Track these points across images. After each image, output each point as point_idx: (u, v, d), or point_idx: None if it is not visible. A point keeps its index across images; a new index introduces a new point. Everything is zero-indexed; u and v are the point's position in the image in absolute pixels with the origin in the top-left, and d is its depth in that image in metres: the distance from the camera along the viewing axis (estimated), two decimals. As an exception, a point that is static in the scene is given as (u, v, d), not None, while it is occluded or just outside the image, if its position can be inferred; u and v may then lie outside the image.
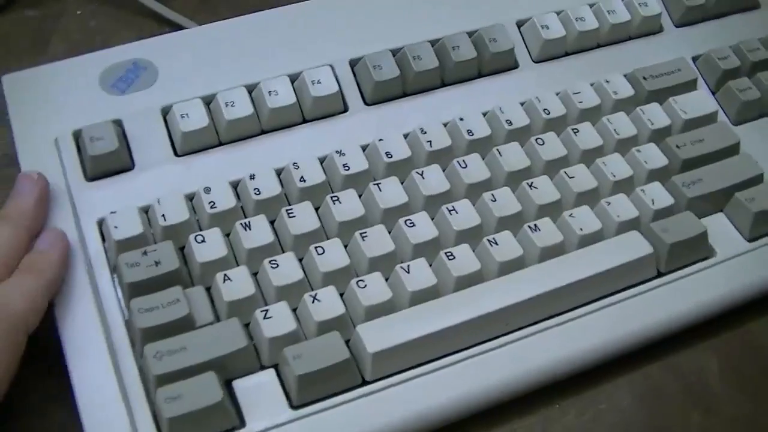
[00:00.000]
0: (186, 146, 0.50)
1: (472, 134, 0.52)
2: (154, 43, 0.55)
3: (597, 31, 0.61)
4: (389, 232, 0.51)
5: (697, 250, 0.51)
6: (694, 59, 0.64)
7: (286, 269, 0.47)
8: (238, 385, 0.43)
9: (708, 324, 0.53)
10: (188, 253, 0.46)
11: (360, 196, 0.52)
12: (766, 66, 0.64)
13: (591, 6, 0.62)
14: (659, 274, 0.51)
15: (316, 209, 0.51)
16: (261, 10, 0.60)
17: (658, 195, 0.52)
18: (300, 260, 0.47)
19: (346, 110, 0.54)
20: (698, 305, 0.53)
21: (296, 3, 0.60)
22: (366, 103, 0.54)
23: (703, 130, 0.59)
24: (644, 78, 0.60)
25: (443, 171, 0.51)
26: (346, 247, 0.50)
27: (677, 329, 0.52)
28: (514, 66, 0.60)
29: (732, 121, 0.61)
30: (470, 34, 0.59)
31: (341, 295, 0.46)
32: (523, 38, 0.61)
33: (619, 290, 0.49)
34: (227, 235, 0.48)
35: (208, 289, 0.46)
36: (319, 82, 0.55)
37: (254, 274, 0.47)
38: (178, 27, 0.67)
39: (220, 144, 0.51)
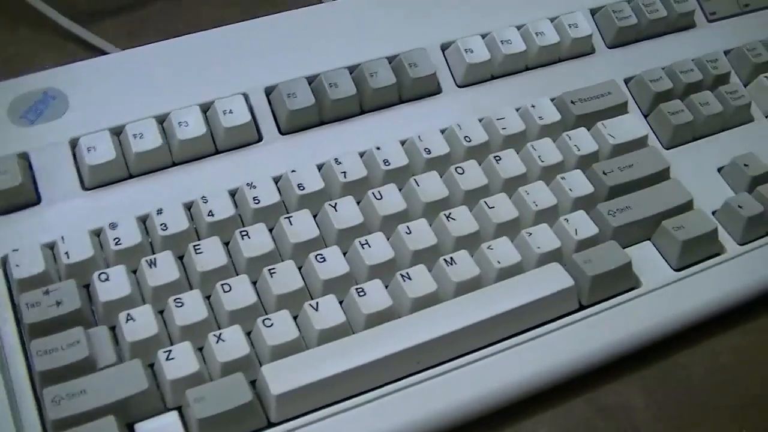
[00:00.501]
0: (94, 180, 0.51)
1: (389, 164, 0.53)
2: (66, 71, 0.56)
3: (524, 54, 0.62)
4: (300, 268, 0.52)
5: (620, 281, 0.52)
6: (627, 81, 0.65)
7: (192, 308, 0.47)
8: (141, 427, 0.44)
9: (633, 357, 0.54)
10: (92, 291, 0.47)
11: (271, 230, 0.53)
12: (699, 87, 0.65)
13: (519, 28, 0.63)
14: (581, 307, 0.51)
15: (226, 244, 0.52)
16: (188, 34, 0.60)
17: (582, 224, 0.53)
18: (207, 298, 0.48)
19: (260, 140, 0.55)
20: (622, 338, 0.53)
21: (224, 26, 0.61)
22: (281, 133, 0.55)
23: (633, 156, 0.60)
24: (572, 102, 0.61)
25: (358, 203, 0.51)
26: (255, 283, 0.51)
27: (600, 363, 0.53)
28: (437, 91, 0.61)
29: (664, 145, 0.63)
30: (391, 59, 0.59)
31: (248, 333, 0.46)
32: (447, 62, 0.61)
33: (538, 324, 0.50)
34: (134, 271, 0.49)
35: (113, 329, 0.46)
36: (230, 111, 0.56)
37: (160, 313, 0.47)
38: (102, 52, 0.68)
39: (131, 177, 0.52)
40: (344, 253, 0.52)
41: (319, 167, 0.54)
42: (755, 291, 0.58)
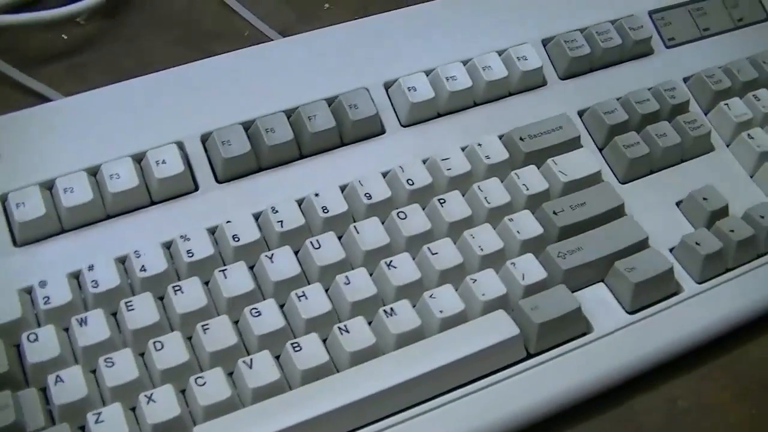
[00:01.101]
0: (25, 236, 0.53)
1: (327, 211, 0.55)
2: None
3: (471, 90, 0.64)
4: (236, 323, 0.53)
5: (570, 327, 0.53)
6: (581, 113, 0.66)
7: (122, 367, 0.49)
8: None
9: (586, 405, 0.56)
10: (21, 352, 0.47)
11: (207, 284, 0.54)
12: (656, 118, 0.66)
13: (465, 63, 0.65)
14: (529, 356, 0.53)
15: (161, 298, 0.54)
16: (136, 75, 0.62)
17: (529, 268, 0.54)
18: (141, 355, 0.50)
19: (196, 189, 0.56)
20: (573, 386, 0.55)
21: (162, 70, 0.63)
22: (218, 181, 0.56)
23: (585, 193, 0.61)
24: (521, 139, 0.63)
25: (296, 253, 0.53)
26: (190, 339, 0.53)
27: (551, 413, 0.55)
28: (380, 132, 0.62)
29: (620, 180, 0.64)
30: (330, 100, 0.61)
31: (182, 392, 0.49)
32: (390, 101, 0.63)
33: (484, 375, 0.51)
34: (66, 330, 0.50)
35: (44, 390, 0.46)
36: (164, 162, 0.58)
37: (92, 372, 0.48)
38: (44, 98, 0.70)
39: (63, 231, 0.54)
40: (282, 306, 0.53)
41: (257, 216, 0.54)
42: (714, 331, 0.59)
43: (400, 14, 0.69)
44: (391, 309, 0.53)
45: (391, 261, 0.53)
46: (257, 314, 0.52)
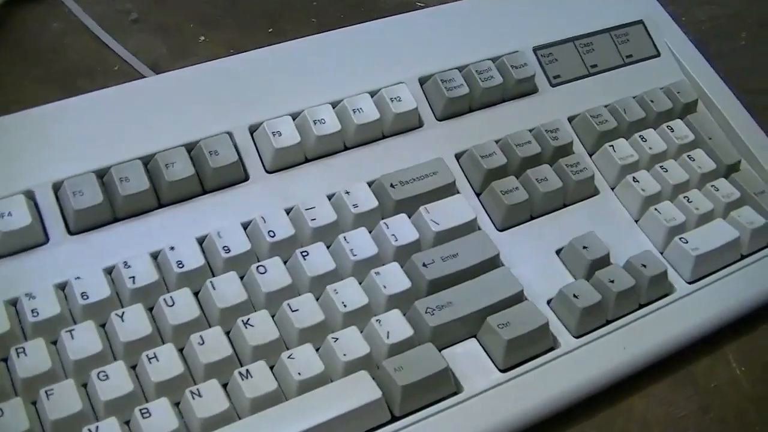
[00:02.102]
0: None
1: (182, 266, 0.56)
2: None
3: (340, 134, 0.67)
4: (84, 386, 0.55)
5: (437, 387, 0.55)
6: (459, 157, 0.70)
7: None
8: None
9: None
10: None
11: (55, 343, 0.56)
12: (537, 161, 0.69)
13: (334, 106, 0.68)
14: (393, 418, 0.55)
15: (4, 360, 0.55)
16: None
17: (395, 326, 0.56)
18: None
19: (47, 241, 0.57)
20: (440, 450, 0.57)
21: (27, 108, 0.64)
22: (70, 233, 0.58)
23: (458, 243, 0.64)
24: (392, 185, 0.65)
25: (149, 311, 0.55)
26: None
27: (416, 479, 0.57)
28: (244, 179, 0.65)
29: (497, 227, 0.67)
30: (191, 146, 0.64)
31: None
32: (255, 146, 0.66)
33: (345, 440, 0.53)
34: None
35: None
36: (9, 214, 0.59)
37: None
38: None
39: None
40: (133, 367, 0.55)
41: (109, 270, 0.56)
42: (592, 388, 0.62)
43: (273, 51, 0.71)
44: (247, 371, 0.55)
45: (248, 319, 0.55)
46: (105, 378, 0.54)
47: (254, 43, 0.80)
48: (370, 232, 0.63)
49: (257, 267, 0.58)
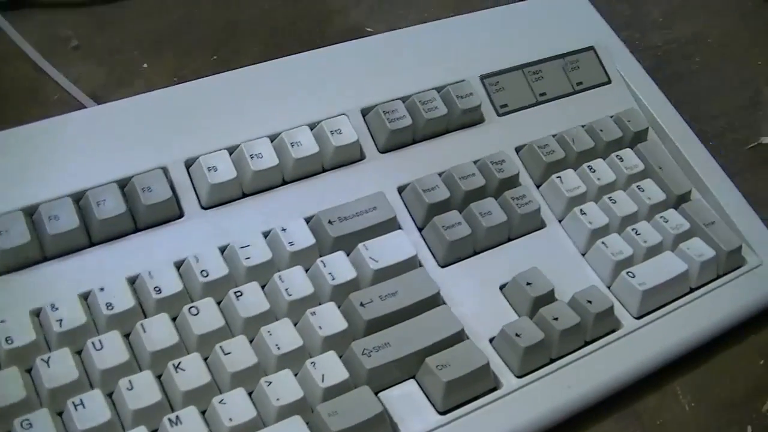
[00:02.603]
0: None
1: (112, 308, 0.55)
2: None
3: (278, 168, 0.66)
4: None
5: None
6: (401, 190, 0.69)
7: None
8: None
9: None
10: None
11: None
12: (481, 194, 0.69)
13: (272, 139, 0.67)
14: (328, 464, 0.54)
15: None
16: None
17: (331, 368, 0.55)
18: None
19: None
20: (376, 497, 0.57)
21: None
22: (-3, 274, 0.57)
23: (398, 281, 0.63)
24: (330, 222, 0.65)
25: (77, 355, 0.54)
26: None
27: None
28: (178, 216, 0.64)
29: (440, 263, 0.67)
30: (124, 182, 0.63)
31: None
32: (191, 181, 0.65)
33: (277, 487, 0.52)
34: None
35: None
36: None
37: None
38: None
39: None
40: (60, 413, 0.54)
41: (36, 313, 0.57)
42: (534, 428, 0.61)
43: (212, 82, 0.71)
44: (177, 417, 0.54)
45: (179, 363, 0.54)
46: (28, 426, 0.53)
47: (197, 71, 0.81)
48: (306, 270, 0.63)
49: (189, 308, 0.58)
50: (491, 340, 0.64)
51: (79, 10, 0.87)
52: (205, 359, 0.58)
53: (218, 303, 0.60)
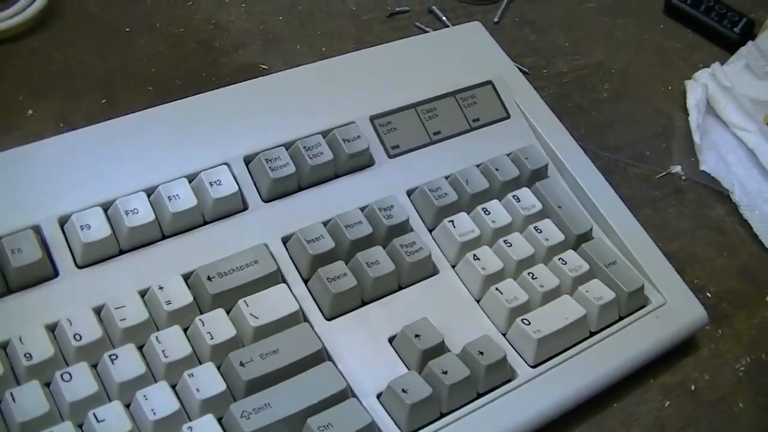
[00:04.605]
0: None
1: (-20, 379, 0.57)
2: None
3: (155, 223, 0.67)
4: None
5: None
6: (285, 241, 0.71)
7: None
8: None
9: None
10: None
11: None
12: (369, 243, 0.71)
13: (149, 193, 0.68)
14: None
15: None
16: None
17: None
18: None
19: None
20: None
21: None
22: None
23: (280, 337, 0.65)
24: (209, 278, 0.66)
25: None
26: None
27: None
28: (52, 276, 0.65)
29: (325, 316, 0.68)
30: (-9, 243, 0.63)
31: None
32: (66, 239, 0.67)
33: None
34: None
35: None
36: None
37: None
38: None
39: None
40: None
41: None
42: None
43: (95, 130, 0.73)
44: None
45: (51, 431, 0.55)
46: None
47: (86, 116, 0.83)
48: (185, 329, 0.64)
49: (62, 374, 0.59)
50: (378, 396, 0.64)
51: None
52: (80, 426, 0.60)
53: (94, 366, 0.61)
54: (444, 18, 1.03)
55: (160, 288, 0.64)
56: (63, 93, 0.87)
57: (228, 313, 0.66)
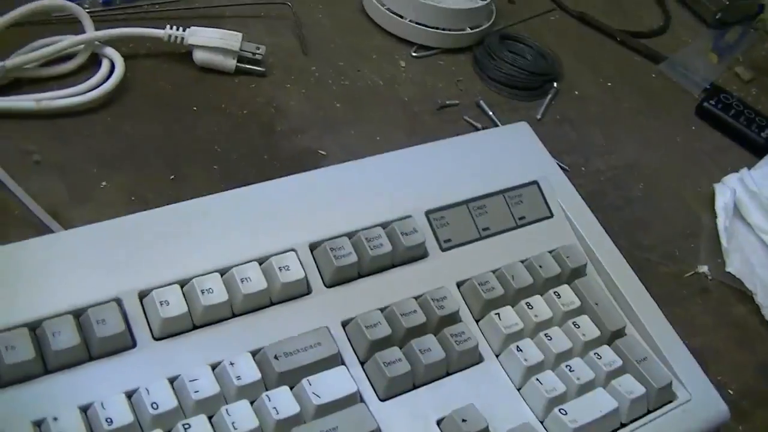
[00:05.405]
0: None
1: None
2: None
3: (227, 303, 0.72)
4: None
5: None
6: (345, 324, 0.76)
7: None
8: None
9: None
10: None
11: None
12: (422, 331, 0.75)
13: (222, 273, 0.74)
14: None
15: None
16: None
17: None
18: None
19: None
20: None
21: None
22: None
23: (338, 416, 0.69)
24: (276, 357, 0.71)
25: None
26: None
27: None
28: (130, 346, 0.69)
29: (380, 397, 0.73)
30: (79, 312, 0.68)
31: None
32: (144, 313, 0.72)
33: None
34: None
35: None
36: None
37: None
38: None
39: None
40: None
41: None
42: None
43: (169, 211, 0.77)
44: None
45: None
46: None
47: (156, 191, 0.89)
48: (252, 403, 0.68)
49: (135, 442, 0.62)
50: (427, 476, 0.68)
51: (43, 123, 0.93)
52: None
53: (168, 436, 0.63)
54: (491, 113, 1.07)
55: (231, 364, 0.69)
56: (134, 166, 0.92)
57: (291, 389, 0.70)
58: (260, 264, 0.74)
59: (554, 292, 0.82)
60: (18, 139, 0.91)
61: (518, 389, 0.76)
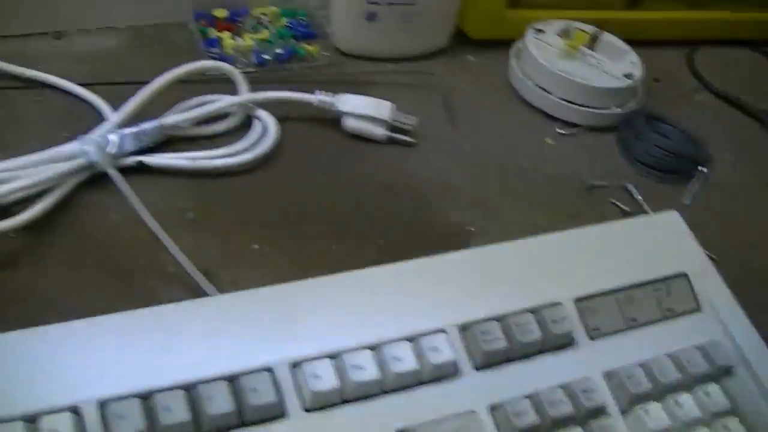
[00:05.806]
0: None
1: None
2: None
3: (378, 381, 0.74)
4: None
5: None
6: (491, 409, 0.76)
7: None
8: None
9: None
10: None
11: None
12: (569, 422, 0.75)
13: (373, 348, 0.75)
14: None
15: None
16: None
17: None
18: None
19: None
20: None
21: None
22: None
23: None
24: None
25: None
26: None
27: None
28: (281, 415, 0.71)
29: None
30: (233, 378, 0.70)
31: None
32: (295, 385, 0.73)
33: None
34: None
35: None
36: None
37: None
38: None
39: None
40: None
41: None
42: None
43: (328, 281, 0.80)
44: None
45: None
46: None
47: (312, 258, 0.91)
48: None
49: None
50: None
51: (199, 181, 0.95)
52: None
53: None
54: (639, 198, 1.06)
55: (401, 439, 0.67)
56: (286, 231, 0.95)
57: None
58: (410, 341, 0.75)
59: (703, 392, 0.80)
60: (173, 197, 0.93)
61: (666, 488, 0.73)
